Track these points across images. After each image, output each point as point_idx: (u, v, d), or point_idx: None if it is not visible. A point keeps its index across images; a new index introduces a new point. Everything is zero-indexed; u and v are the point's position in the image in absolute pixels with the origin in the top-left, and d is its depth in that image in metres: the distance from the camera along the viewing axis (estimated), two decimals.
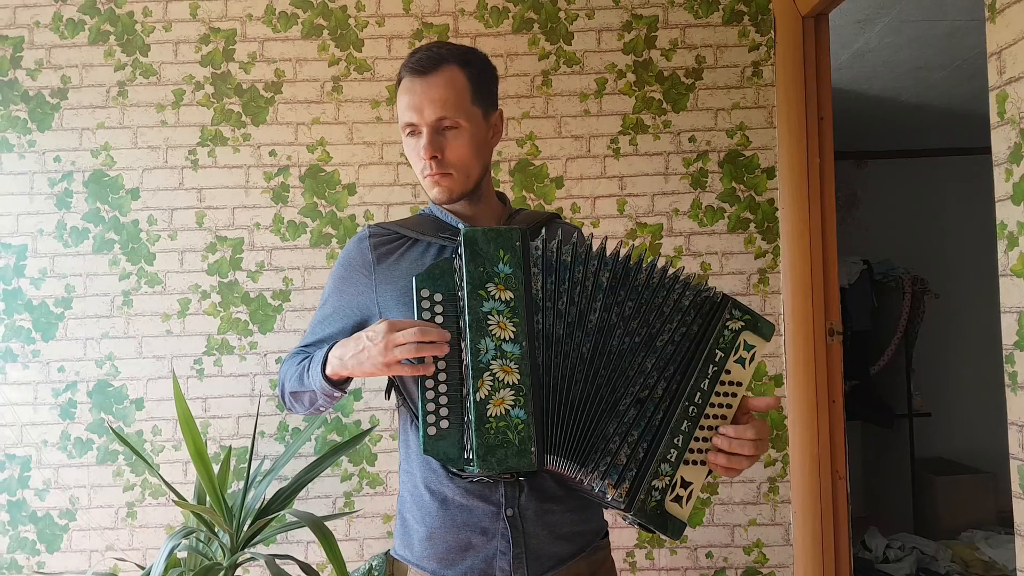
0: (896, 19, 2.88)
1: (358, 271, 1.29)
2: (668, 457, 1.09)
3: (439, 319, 1.11)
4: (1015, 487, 1.70)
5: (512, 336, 1.09)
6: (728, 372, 1.13)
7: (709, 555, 2.48)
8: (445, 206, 1.30)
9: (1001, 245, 1.75)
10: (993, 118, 1.76)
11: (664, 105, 2.54)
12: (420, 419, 1.10)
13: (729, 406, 1.12)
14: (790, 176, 2.48)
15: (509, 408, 1.08)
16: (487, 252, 1.11)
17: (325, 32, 2.55)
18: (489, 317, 1.09)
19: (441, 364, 1.09)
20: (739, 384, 1.13)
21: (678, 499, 1.10)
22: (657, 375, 1.12)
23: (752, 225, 2.53)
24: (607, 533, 1.35)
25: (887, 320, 4.20)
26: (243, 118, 2.54)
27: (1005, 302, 1.73)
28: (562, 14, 2.54)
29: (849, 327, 3.92)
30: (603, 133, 2.54)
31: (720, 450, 1.11)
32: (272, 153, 2.54)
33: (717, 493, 2.49)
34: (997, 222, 1.75)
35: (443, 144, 1.22)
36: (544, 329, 1.11)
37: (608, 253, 1.14)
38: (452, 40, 2.50)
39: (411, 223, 1.32)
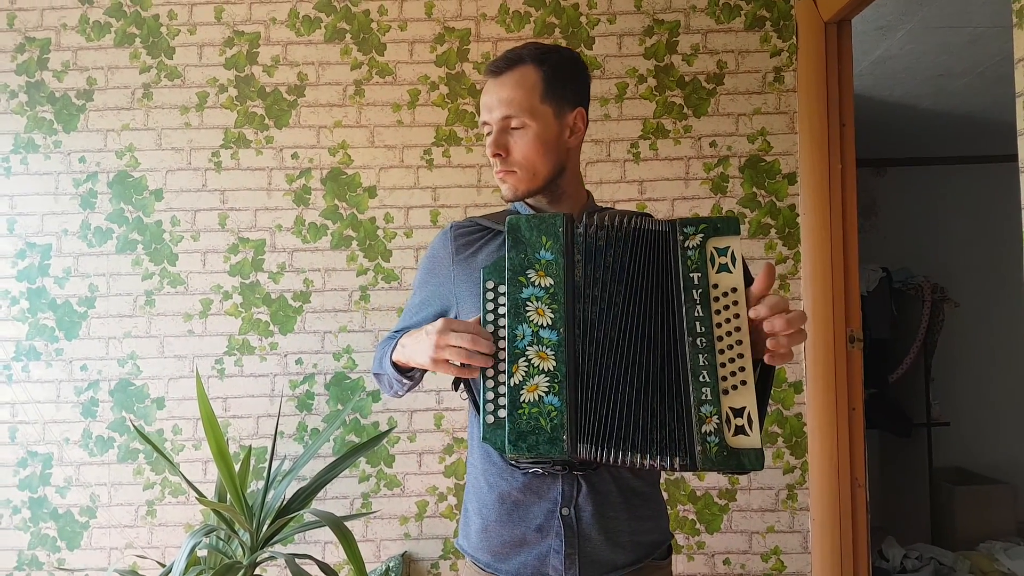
0: (918, 26, 2.87)
1: (440, 263, 1.33)
2: (704, 398, 1.06)
3: (502, 310, 1.11)
4: None
5: (550, 322, 1.09)
6: (716, 286, 1.08)
7: (727, 562, 2.46)
8: (527, 201, 1.32)
9: None
10: (1020, 125, 1.75)
11: (685, 110, 2.54)
12: (480, 407, 1.11)
13: (736, 315, 1.07)
14: (811, 182, 2.47)
15: (543, 394, 1.07)
16: (529, 239, 1.11)
17: (348, 36, 2.57)
18: (528, 303, 1.10)
19: (502, 355, 1.10)
20: (734, 290, 1.08)
21: (740, 430, 1.05)
22: (661, 331, 1.09)
23: (773, 231, 2.52)
24: (671, 549, 1.33)
25: (906, 328, 4.17)
26: (266, 121, 2.56)
27: None
28: (583, 19, 2.55)
29: (868, 335, 3.90)
30: (623, 137, 2.54)
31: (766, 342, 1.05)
32: (294, 156, 2.55)
33: (735, 499, 2.47)
34: (1023, 230, 1.74)
35: (508, 142, 1.24)
36: (584, 316, 1.10)
37: (634, 232, 1.12)
38: (473, 45, 2.53)
39: (495, 216, 1.34)
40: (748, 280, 1.13)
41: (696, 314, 1.08)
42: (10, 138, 2.56)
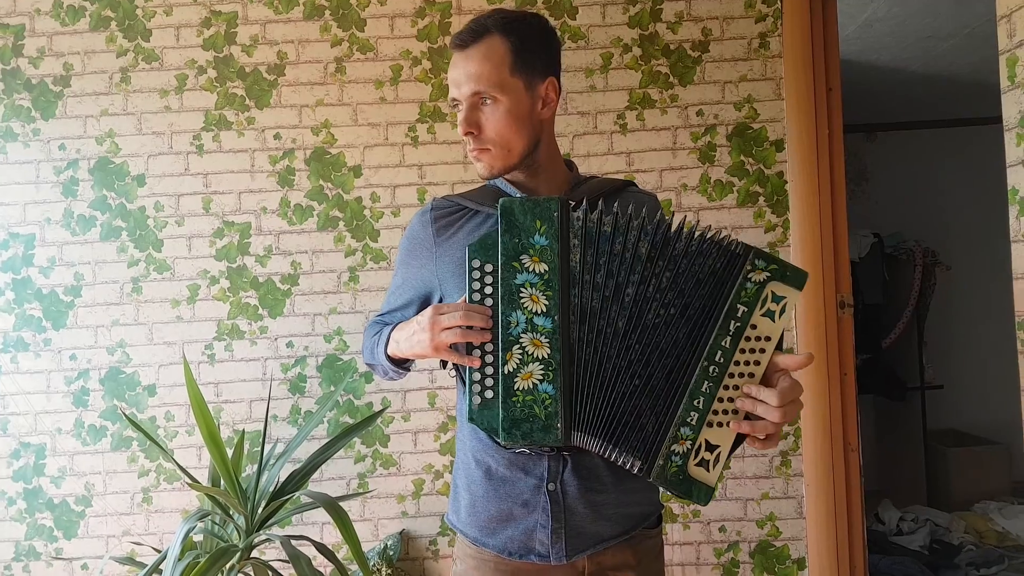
0: None
1: (420, 245, 1.31)
2: (688, 420, 1.06)
3: (488, 289, 1.10)
4: None
5: (544, 310, 1.08)
6: (754, 327, 1.06)
7: (722, 529, 2.48)
8: (505, 177, 1.29)
9: (1013, 211, 1.73)
10: (1003, 82, 1.74)
11: (671, 79, 2.52)
12: (467, 388, 1.10)
13: (757, 363, 1.06)
14: (799, 148, 2.46)
15: (537, 382, 1.07)
16: (523, 223, 1.09)
17: (327, 13, 2.53)
18: (522, 289, 1.08)
19: (490, 335, 1.09)
20: (768, 339, 1.06)
21: (704, 463, 1.06)
22: (685, 342, 1.08)
23: (761, 199, 2.51)
24: (660, 519, 1.33)
25: (898, 293, 4.17)
26: (247, 101, 2.53)
27: (1017, 268, 1.72)
28: None
29: (860, 301, 3.90)
30: (610, 109, 2.52)
31: (746, 413, 1.06)
32: (277, 136, 2.53)
33: (729, 467, 2.48)
34: (1008, 188, 1.73)
35: (479, 119, 1.20)
36: (581, 303, 1.09)
37: (650, 223, 1.09)
38: (454, 18, 2.49)
39: (473, 194, 1.32)
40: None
41: (723, 344, 1.06)
42: None
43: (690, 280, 1.08)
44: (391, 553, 2.40)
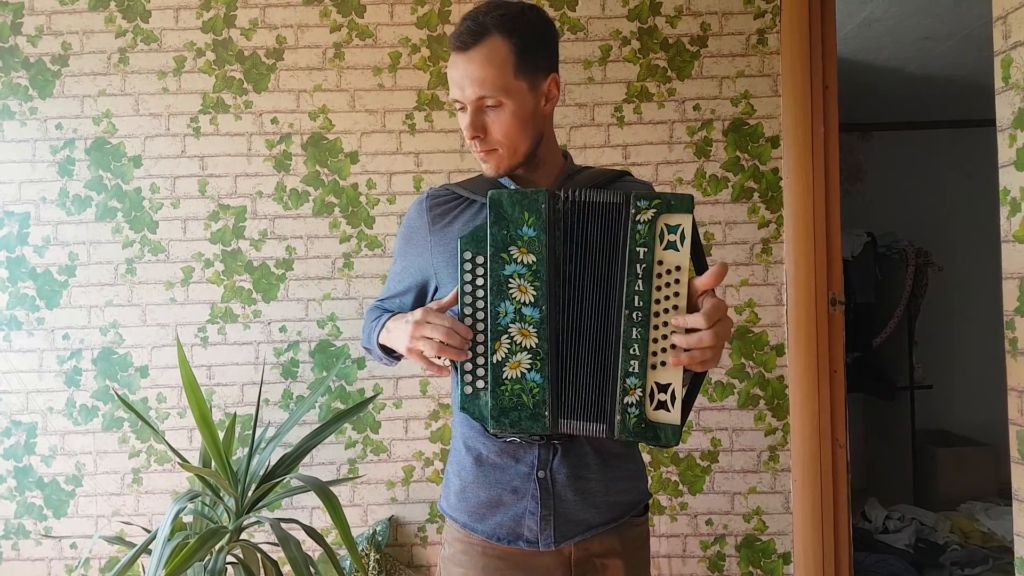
0: None
1: (416, 233, 1.32)
2: (631, 370, 1.08)
3: (480, 281, 1.12)
4: (1014, 452, 1.71)
5: (532, 300, 1.10)
6: (661, 263, 1.08)
7: (709, 522, 2.50)
8: None
9: (1003, 211, 1.74)
10: (997, 83, 1.75)
11: (669, 73, 2.52)
12: (459, 378, 1.13)
13: (677, 294, 1.08)
14: (794, 145, 2.47)
15: (525, 371, 1.09)
16: (512, 215, 1.10)
17: None
18: (510, 280, 1.10)
19: (481, 326, 1.11)
20: (678, 268, 1.08)
21: (662, 405, 1.08)
22: (606, 301, 1.10)
23: (756, 195, 2.52)
24: (647, 508, 1.35)
25: (890, 293, 4.19)
26: (245, 85, 2.53)
27: (1007, 268, 1.73)
28: None
29: (852, 300, 3.92)
30: (607, 101, 2.52)
31: (684, 348, 1.06)
32: (274, 121, 2.53)
33: (717, 461, 2.50)
34: (1000, 188, 1.75)
35: (485, 123, 1.20)
36: (565, 292, 1.11)
37: (592, 205, 1.10)
38: (454, 6, 2.50)
39: (469, 184, 1.32)
40: (701, 257, 1.13)
41: (636, 288, 1.08)
42: None
43: (595, 247, 1.10)
44: (380, 539, 2.41)
